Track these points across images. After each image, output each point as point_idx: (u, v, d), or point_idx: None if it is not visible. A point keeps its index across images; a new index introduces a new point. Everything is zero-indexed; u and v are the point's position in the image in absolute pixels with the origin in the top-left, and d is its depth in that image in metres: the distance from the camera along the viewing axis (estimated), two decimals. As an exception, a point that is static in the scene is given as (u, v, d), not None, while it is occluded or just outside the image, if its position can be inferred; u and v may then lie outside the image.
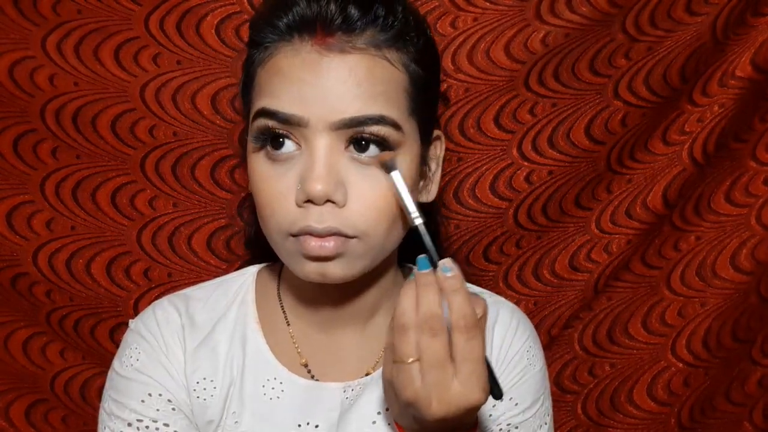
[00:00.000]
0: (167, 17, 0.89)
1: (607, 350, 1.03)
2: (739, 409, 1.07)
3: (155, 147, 0.92)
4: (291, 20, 0.64)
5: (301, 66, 0.63)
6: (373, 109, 0.63)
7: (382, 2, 0.65)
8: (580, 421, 1.05)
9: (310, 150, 0.63)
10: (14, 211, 0.94)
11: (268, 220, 0.66)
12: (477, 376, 0.57)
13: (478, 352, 0.57)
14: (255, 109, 0.65)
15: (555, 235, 0.99)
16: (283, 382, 0.73)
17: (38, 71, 0.89)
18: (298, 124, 0.63)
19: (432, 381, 0.57)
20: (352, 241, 0.64)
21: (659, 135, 0.96)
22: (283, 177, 0.64)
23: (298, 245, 0.64)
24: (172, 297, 0.78)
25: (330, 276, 0.65)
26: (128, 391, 0.72)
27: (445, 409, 0.57)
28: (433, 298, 0.57)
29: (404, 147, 0.65)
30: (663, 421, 1.04)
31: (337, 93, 0.62)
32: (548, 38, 0.90)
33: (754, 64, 0.92)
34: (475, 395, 0.57)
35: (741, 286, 1.01)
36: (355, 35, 0.63)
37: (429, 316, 0.57)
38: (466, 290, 0.57)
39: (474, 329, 0.56)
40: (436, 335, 0.57)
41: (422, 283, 0.58)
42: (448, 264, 0.58)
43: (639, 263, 1.01)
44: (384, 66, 0.64)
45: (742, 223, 1.01)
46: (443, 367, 0.57)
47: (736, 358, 1.05)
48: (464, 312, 0.56)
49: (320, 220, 0.62)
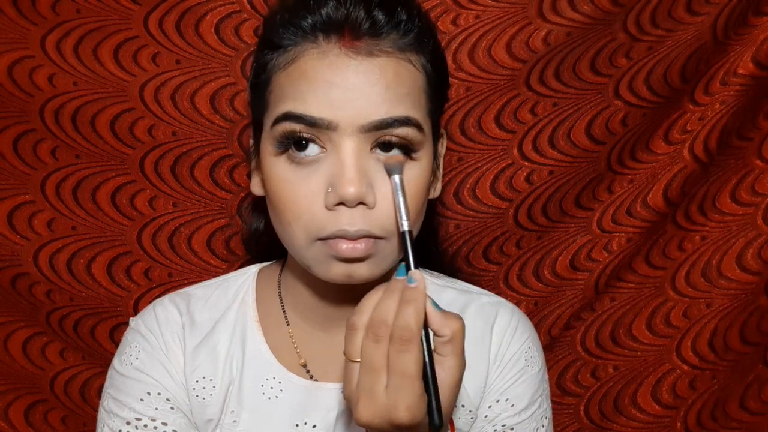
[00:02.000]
0: (166, 17, 0.89)
1: (611, 352, 1.02)
2: (757, 418, 1.05)
3: (154, 147, 0.92)
4: (317, 21, 0.64)
5: (329, 68, 0.63)
6: (400, 111, 0.63)
7: (404, 6, 0.66)
8: (582, 424, 1.04)
9: (338, 153, 0.63)
10: (15, 211, 0.94)
11: (292, 224, 0.65)
12: (402, 392, 0.55)
13: (409, 368, 0.55)
14: (278, 113, 0.64)
15: (555, 235, 0.99)
16: (281, 382, 0.73)
17: (37, 71, 0.89)
18: (327, 128, 0.63)
19: (363, 385, 0.56)
20: (380, 242, 0.64)
21: (661, 135, 0.96)
22: (308, 180, 0.64)
23: (327, 248, 0.64)
24: (174, 295, 0.78)
25: (357, 277, 0.65)
26: (127, 389, 0.72)
27: (369, 417, 0.56)
28: (389, 306, 0.56)
29: (424, 147, 0.66)
30: (668, 425, 1.03)
31: (366, 95, 0.62)
32: (550, 37, 0.90)
33: (756, 61, 0.91)
34: (398, 412, 0.55)
35: (748, 287, 1.00)
36: (381, 39, 0.64)
37: (378, 322, 0.56)
38: (422, 305, 0.56)
39: (408, 344, 0.55)
40: (378, 342, 0.56)
41: (389, 288, 0.57)
42: (415, 276, 0.57)
43: (643, 264, 1.00)
44: (408, 68, 0.65)
45: (749, 222, 0.99)
46: (376, 374, 0.56)
47: (749, 363, 1.03)
48: (404, 324, 0.55)
49: (352, 223, 0.63)
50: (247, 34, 0.89)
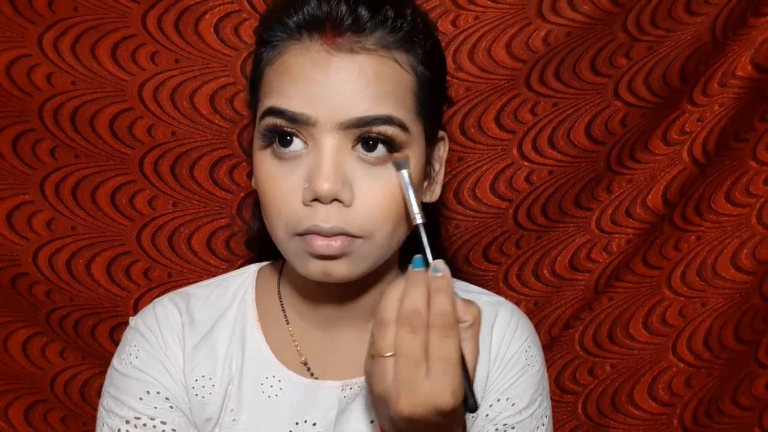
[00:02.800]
0: (165, 15, 0.89)
1: (608, 350, 1.03)
2: (747, 413, 1.06)
3: (154, 147, 0.92)
4: (301, 19, 0.64)
5: (310, 65, 0.63)
6: (381, 110, 0.63)
7: (392, 4, 0.65)
8: (580, 422, 1.05)
9: (317, 149, 0.63)
10: (14, 211, 0.94)
11: (274, 219, 0.66)
12: (448, 377, 0.55)
13: (452, 353, 0.56)
14: (263, 107, 0.65)
15: (555, 235, 0.99)
16: (281, 380, 0.73)
17: (35, 70, 0.89)
18: (306, 123, 0.63)
19: (402, 378, 0.56)
20: (357, 241, 0.64)
21: (659, 135, 0.96)
22: (290, 175, 0.64)
23: (303, 244, 0.64)
24: (174, 295, 0.78)
25: (334, 275, 0.65)
26: (127, 388, 0.72)
27: (412, 408, 0.56)
28: (418, 296, 0.56)
29: (410, 148, 0.65)
30: (665, 422, 1.04)
31: (346, 92, 0.62)
32: (550, 37, 0.90)
33: (754, 63, 0.92)
34: (444, 397, 0.55)
35: (742, 286, 1.01)
36: (365, 36, 0.64)
37: (411, 312, 0.56)
38: (452, 292, 0.57)
39: (450, 329, 0.56)
40: (415, 332, 0.56)
41: (411, 280, 0.57)
42: (440, 265, 0.57)
43: (640, 263, 1.01)
44: (392, 67, 0.64)
45: (743, 222, 1.00)
46: (416, 365, 0.56)
47: (742, 360, 1.04)
48: (442, 310, 0.56)
49: (327, 220, 0.63)
50: (246, 34, 0.89)
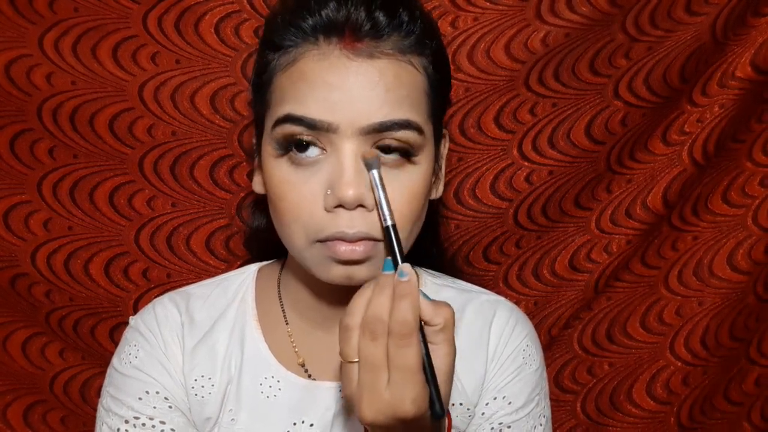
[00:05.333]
0: (165, 16, 0.88)
1: (606, 349, 1.03)
2: (737, 408, 1.07)
3: (153, 147, 0.92)
4: (317, 22, 0.64)
5: (329, 70, 0.62)
6: (400, 114, 0.63)
7: (406, 8, 0.65)
8: (579, 421, 1.05)
9: (337, 155, 0.63)
10: (11, 211, 0.93)
11: (291, 224, 0.65)
12: (408, 386, 0.55)
13: (411, 362, 0.55)
14: (278, 115, 0.64)
15: (555, 235, 0.99)
16: (280, 381, 0.73)
17: (35, 70, 0.89)
18: (326, 130, 0.62)
19: (364, 384, 0.56)
20: (380, 245, 0.64)
21: (659, 135, 0.97)
22: (308, 182, 0.64)
23: (325, 250, 0.64)
24: (174, 294, 0.78)
25: (356, 279, 0.65)
26: (126, 388, 0.72)
27: (374, 415, 0.56)
28: (382, 302, 0.56)
29: (425, 150, 0.66)
30: (662, 420, 1.05)
31: (366, 98, 0.62)
32: (548, 38, 0.90)
33: (753, 64, 0.92)
34: (404, 406, 0.55)
35: (738, 286, 1.02)
36: (382, 40, 0.64)
37: (372, 320, 0.56)
38: (416, 298, 0.56)
39: (408, 338, 0.55)
40: (375, 339, 0.55)
41: (379, 285, 0.57)
42: (406, 269, 0.57)
43: (638, 263, 1.01)
44: (409, 71, 0.64)
45: (739, 223, 1.01)
46: (377, 372, 0.56)
47: (735, 358, 1.05)
48: (402, 318, 0.55)
49: (351, 225, 0.62)
50: (247, 34, 0.89)
